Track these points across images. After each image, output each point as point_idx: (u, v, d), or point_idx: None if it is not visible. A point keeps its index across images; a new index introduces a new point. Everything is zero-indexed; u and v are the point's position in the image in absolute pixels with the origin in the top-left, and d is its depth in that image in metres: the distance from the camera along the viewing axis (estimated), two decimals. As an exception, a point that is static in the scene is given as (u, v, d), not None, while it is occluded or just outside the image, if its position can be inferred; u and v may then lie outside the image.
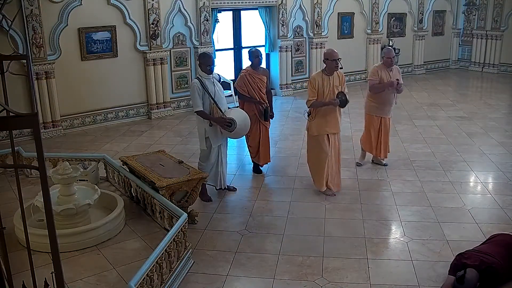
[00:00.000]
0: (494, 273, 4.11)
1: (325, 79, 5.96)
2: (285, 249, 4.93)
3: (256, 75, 6.64)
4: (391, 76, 6.84)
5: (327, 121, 6.04)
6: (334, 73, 5.98)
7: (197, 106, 5.85)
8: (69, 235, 4.90)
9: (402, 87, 6.92)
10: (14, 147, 3.32)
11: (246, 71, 6.72)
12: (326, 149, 6.09)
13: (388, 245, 5.04)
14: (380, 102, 6.93)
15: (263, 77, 6.72)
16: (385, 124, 7.07)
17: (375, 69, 6.93)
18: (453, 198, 6.12)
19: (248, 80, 6.61)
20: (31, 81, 3.23)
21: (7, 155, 6.79)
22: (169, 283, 4.19)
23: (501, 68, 14.96)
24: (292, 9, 12.18)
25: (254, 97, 6.63)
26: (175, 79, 10.72)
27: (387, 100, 6.92)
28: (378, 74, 6.83)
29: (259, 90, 6.65)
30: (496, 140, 8.47)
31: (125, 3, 9.64)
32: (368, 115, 7.13)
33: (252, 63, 6.70)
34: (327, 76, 5.97)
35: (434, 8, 15.21)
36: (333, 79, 5.99)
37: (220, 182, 6.26)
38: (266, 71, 7.01)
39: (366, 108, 7.18)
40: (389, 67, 6.89)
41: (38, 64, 8.75)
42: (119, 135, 9.20)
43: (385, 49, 7.11)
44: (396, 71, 6.98)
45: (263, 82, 6.69)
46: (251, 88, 6.61)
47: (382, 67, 6.91)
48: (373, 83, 6.86)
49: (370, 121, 7.09)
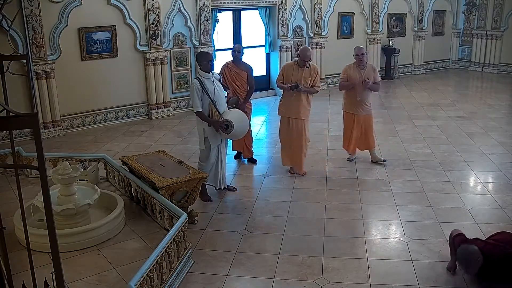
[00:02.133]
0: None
1: (295, 68, 6.64)
2: (285, 249, 4.94)
3: (234, 69, 7.06)
4: (362, 75, 6.98)
5: (289, 106, 6.73)
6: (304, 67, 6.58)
7: (196, 107, 5.86)
8: (69, 235, 4.90)
9: (376, 87, 7.11)
10: (14, 147, 3.31)
11: (226, 64, 7.19)
12: (287, 130, 6.82)
13: (388, 245, 5.04)
14: (350, 100, 7.21)
15: (243, 72, 7.07)
16: (358, 121, 7.19)
17: (345, 68, 7.18)
18: (453, 198, 6.12)
19: (225, 72, 7.07)
20: (31, 81, 3.24)
21: (7, 155, 6.79)
22: (169, 283, 4.19)
23: (501, 68, 14.95)
24: (292, 9, 12.18)
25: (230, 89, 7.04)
26: (175, 79, 10.72)
27: (353, 97, 7.11)
28: (346, 72, 7.09)
29: (234, 83, 7.05)
30: (496, 140, 8.47)
31: (125, 3, 9.64)
32: (344, 111, 7.43)
33: (232, 57, 7.13)
34: (297, 67, 6.63)
35: (434, 8, 15.20)
36: (303, 72, 6.58)
37: (220, 182, 6.26)
38: (249, 67, 7.24)
39: (342, 105, 7.50)
40: (361, 65, 7.01)
41: (38, 64, 8.75)
42: (119, 135, 9.20)
43: (355, 47, 7.22)
44: (370, 69, 7.09)
45: (240, 76, 7.06)
46: (227, 80, 6.98)
47: (353, 66, 7.08)
48: (340, 81, 7.26)
49: (345, 118, 7.39)
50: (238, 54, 7.09)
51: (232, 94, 6.98)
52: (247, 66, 7.18)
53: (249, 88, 7.15)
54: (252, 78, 7.18)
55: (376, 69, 7.30)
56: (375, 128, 7.78)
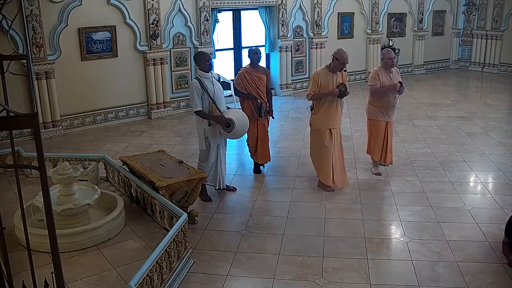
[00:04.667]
0: None
1: (329, 75, 6.15)
2: (285, 249, 4.93)
3: (255, 73, 6.66)
4: (391, 78, 6.62)
5: (330, 115, 6.18)
6: (342, 71, 6.18)
7: (196, 106, 5.85)
8: (69, 235, 4.89)
9: (404, 89, 6.74)
10: (14, 147, 3.32)
11: (245, 69, 6.76)
12: (328, 143, 6.20)
13: (388, 245, 5.04)
14: (383, 106, 6.68)
15: (262, 76, 6.71)
16: (390, 129, 6.83)
17: (375, 73, 6.66)
18: (453, 198, 6.11)
19: (245, 78, 6.66)
20: (31, 81, 3.23)
21: (7, 155, 6.79)
22: (169, 283, 4.19)
23: (501, 68, 14.96)
24: (292, 9, 12.18)
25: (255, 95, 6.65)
26: (175, 79, 10.72)
27: (389, 103, 6.67)
28: (379, 78, 6.59)
29: (257, 88, 6.66)
30: (496, 140, 8.47)
31: (125, 3, 9.64)
32: (373, 120, 6.82)
33: (251, 61, 6.73)
34: (331, 73, 6.16)
35: (434, 8, 15.21)
36: (336, 76, 6.17)
37: (220, 182, 6.26)
38: (267, 70, 7.01)
39: (369, 114, 6.87)
40: (389, 68, 6.64)
41: (38, 64, 8.75)
42: (119, 135, 9.20)
43: (385, 50, 6.90)
44: (395, 72, 6.79)
45: (261, 80, 6.68)
46: (249, 86, 6.64)
47: (382, 70, 6.66)
48: (375, 87, 6.61)
49: (376, 126, 6.78)
50: (256, 57, 6.68)
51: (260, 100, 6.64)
52: (265, 69, 6.95)
53: (267, 91, 6.80)
54: (270, 81, 6.99)
55: (399, 71, 7.00)
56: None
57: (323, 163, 6.27)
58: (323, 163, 6.27)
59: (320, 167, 6.34)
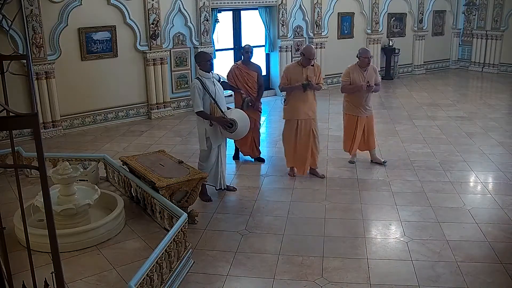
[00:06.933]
0: None
1: (299, 69, 6.55)
2: (285, 249, 4.93)
3: (245, 70, 7.05)
4: (364, 77, 6.93)
5: (296, 107, 6.61)
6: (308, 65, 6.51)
7: (197, 107, 5.85)
8: (69, 235, 4.89)
9: (377, 88, 7.07)
10: (14, 147, 3.32)
11: (236, 65, 7.16)
12: (293, 132, 6.67)
13: (388, 245, 5.03)
14: (354, 102, 7.08)
15: (253, 73, 7.08)
16: (361, 123, 7.13)
17: (347, 70, 7.03)
18: (453, 198, 6.12)
19: (235, 73, 7.05)
20: (31, 81, 3.23)
21: (7, 155, 6.78)
22: (169, 283, 4.19)
23: (501, 68, 14.96)
24: (292, 9, 12.18)
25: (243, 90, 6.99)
26: (175, 79, 10.72)
27: (360, 100, 7.02)
28: (349, 75, 6.96)
29: (245, 84, 7.02)
30: (496, 140, 8.47)
31: (125, 3, 9.64)
32: (345, 114, 7.30)
33: (242, 58, 7.12)
34: (301, 67, 6.54)
35: (434, 8, 15.20)
36: (307, 70, 6.50)
37: (220, 182, 6.26)
38: (258, 67, 7.28)
39: (343, 108, 7.36)
40: (364, 67, 6.94)
41: (38, 64, 8.75)
42: (119, 135, 9.20)
43: (362, 49, 7.18)
44: (372, 70, 7.04)
45: (250, 77, 7.06)
46: (238, 81, 7.01)
47: (356, 68, 6.98)
48: (343, 84, 7.06)
49: (347, 120, 7.27)
50: (248, 55, 7.08)
51: (246, 95, 6.98)
52: (256, 66, 7.24)
53: (259, 87, 7.17)
54: (261, 77, 7.27)
55: (377, 70, 7.29)
56: (375, 128, 7.77)
57: (285, 148, 6.88)
58: (285, 148, 6.88)
59: (286, 152, 6.90)
